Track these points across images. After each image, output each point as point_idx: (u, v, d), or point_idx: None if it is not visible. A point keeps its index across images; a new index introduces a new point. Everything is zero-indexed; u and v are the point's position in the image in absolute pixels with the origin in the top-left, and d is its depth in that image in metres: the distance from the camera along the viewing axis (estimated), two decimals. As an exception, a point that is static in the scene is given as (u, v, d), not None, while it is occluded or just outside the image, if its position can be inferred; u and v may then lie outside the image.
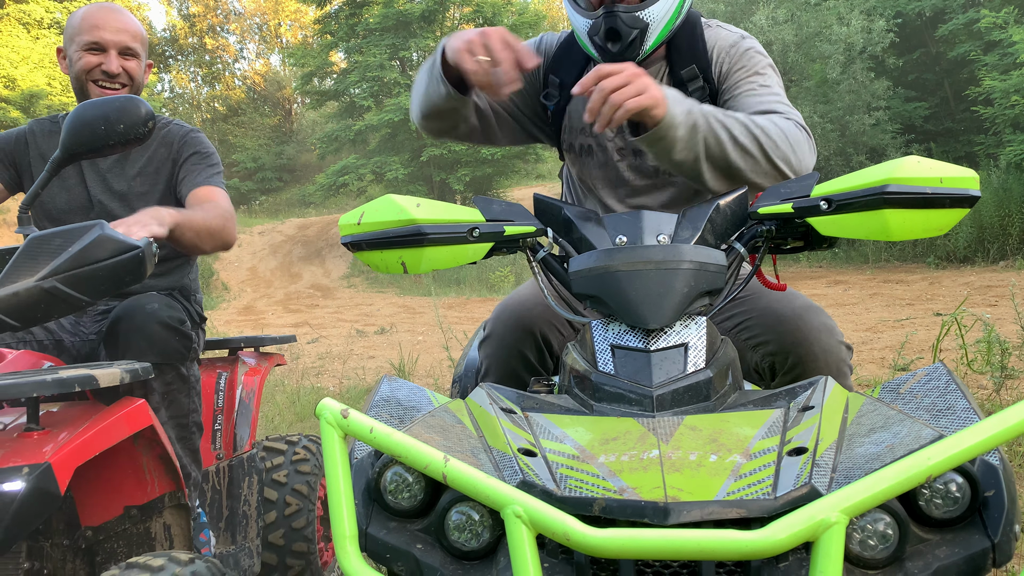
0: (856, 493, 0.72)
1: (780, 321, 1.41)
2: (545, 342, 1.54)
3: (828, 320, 1.43)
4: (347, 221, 1.16)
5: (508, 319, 1.54)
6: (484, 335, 1.57)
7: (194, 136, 2.03)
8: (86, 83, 1.92)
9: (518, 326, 1.53)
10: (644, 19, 1.44)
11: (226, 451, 2.05)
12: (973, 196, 1.08)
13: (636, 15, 1.43)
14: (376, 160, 20.23)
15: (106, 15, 1.92)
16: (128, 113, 1.26)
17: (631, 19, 1.43)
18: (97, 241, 1.10)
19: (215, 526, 1.90)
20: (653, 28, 1.45)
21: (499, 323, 1.55)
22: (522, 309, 1.54)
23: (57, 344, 1.84)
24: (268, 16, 42.40)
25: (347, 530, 0.82)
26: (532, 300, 1.55)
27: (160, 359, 1.64)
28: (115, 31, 1.90)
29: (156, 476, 1.48)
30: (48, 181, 1.30)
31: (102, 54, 1.90)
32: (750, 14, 14.92)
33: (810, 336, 1.39)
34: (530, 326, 1.53)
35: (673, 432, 0.90)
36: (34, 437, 1.17)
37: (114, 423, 1.27)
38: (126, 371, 1.24)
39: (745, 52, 1.52)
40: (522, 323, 1.53)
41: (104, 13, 1.93)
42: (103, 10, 1.94)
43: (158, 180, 2.00)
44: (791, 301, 1.44)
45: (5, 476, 1.06)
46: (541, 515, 0.75)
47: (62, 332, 1.87)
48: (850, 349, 1.46)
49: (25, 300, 1.07)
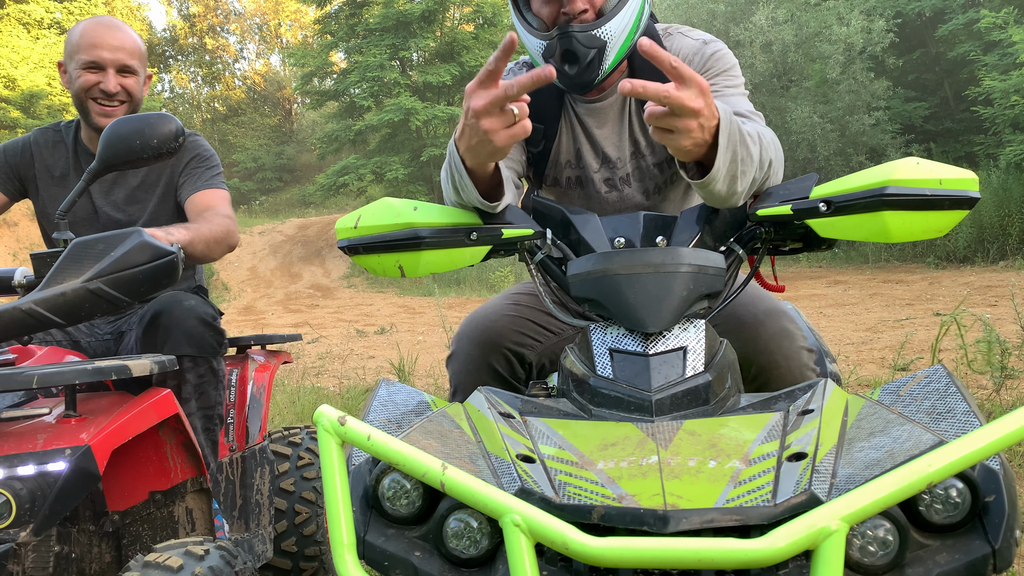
0: (856, 500, 0.72)
1: (741, 328, 1.37)
2: (515, 353, 1.51)
3: (790, 324, 1.39)
4: (344, 225, 1.15)
5: (474, 334, 1.51)
6: (450, 352, 1.54)
7: (192, 140, 2.05)
8: (86, 101, 1.94)
9: (484, 340, 1.50)
10: (601, 37, 1.34)
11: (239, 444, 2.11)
12: (973, 198, 1.07)
13: (592, 34, 1.33)
14: (376, 160, 20.23)
15: (104, 33, 1.93)
16: (161, 129, 1.36)
17: (587, 38, 1.33)
18: (137, 247, 1.19)
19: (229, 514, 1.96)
20: (612, 45, 1.35)
21: (464, 339, 1.52)
22: (487, 322, 1.51)
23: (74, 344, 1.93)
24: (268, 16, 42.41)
25: (345, 538, 0.81)
26: (498, 313, 1.53)
27: (196, 352, 1.73)
28: (113, 49, 1.91)
29: (179, 462, 1.54)
30: (84, 190, 1.40)
31: (100, 72, 1.92)
32: (750, 14, 14.92)
33: (770, 344, 1.35)
34: (497, 339, 1.50)
35: (672, 437, 0.90)
36: (72, 423, 1.25)
37: (143, 411, 1.36)
38: (155, 363, 1.32)
39: (711, 56, 1.46)
40: (488, 337, 1.50)
41: (102, 31, 1.93)
42: (100, 27, 1.94)
43: (157, 186, 2.03)
44: (755, 305, 1.40)
45: (49, 457, 1.15)
46: (540, 524, 0.74)
47: (78, 333, 1.96)
48: (812, 351, 1.41)
49: (72, 300, 1.16)
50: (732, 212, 1.23)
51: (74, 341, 1.93)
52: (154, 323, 1.72)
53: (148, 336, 1.72)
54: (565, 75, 1.39)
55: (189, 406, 1.75)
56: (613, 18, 1.33)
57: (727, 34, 14.53)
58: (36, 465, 1.15)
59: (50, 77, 22.12)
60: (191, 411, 1.75)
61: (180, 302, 1.74)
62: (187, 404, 1.74)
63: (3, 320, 1.16)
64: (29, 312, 1.16)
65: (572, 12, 1.35)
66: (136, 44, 1.97)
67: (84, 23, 1.97)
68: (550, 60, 1.39)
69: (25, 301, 1.16)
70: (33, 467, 1.15)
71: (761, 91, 14.75)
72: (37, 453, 1.16)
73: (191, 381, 1.74)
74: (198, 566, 1.17)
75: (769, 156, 1.21)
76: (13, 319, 1.16)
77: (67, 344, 1.91)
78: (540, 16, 1.40)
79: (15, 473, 1.14)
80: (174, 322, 1.71)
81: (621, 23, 1.34)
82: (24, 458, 1.15)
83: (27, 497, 1.13)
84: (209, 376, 1.78)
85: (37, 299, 1.16)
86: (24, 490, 1.13)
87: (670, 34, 1.51)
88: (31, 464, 1.15)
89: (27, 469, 1.14)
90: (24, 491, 1.13)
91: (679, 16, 15.57)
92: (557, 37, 1.34)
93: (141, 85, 2.00)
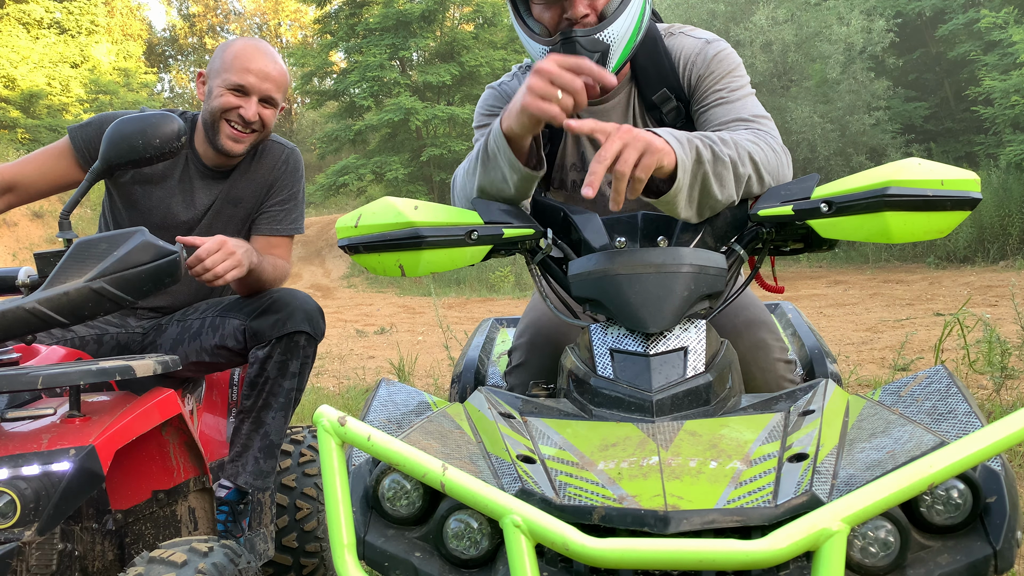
0: (857, 501, 0.72)
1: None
2: None
3: (767, 335, 1.39)
4: (344, 224, 1.15)
5: (542, 344, 1.47)
6: (517, 361, 1.49)
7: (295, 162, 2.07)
8: (220, 120, 1.91)
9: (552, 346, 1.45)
10: (605, 40, 1.31)
11: None
12: (974, 198, 1.07)
13: (595, 37, 1.31)
14: (376, 160, 20.21)
15: (257, 60, 1.91)
16: (163, 129, 1.35)
17: (590, 43, 1.31)
18: (140, 246, 1.20)
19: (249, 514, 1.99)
20: (615, 49, 1.33)
21: (534, 348, 1.47)
22: (551, 326, 1.48)
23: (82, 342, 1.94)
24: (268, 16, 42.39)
25: (345, 538, 0.81)
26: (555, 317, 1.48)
27: (313, 332, 1.87)
28: (262, 78, 1.90)
29: (182, 462, 1.55)
30: (87, 190, 1.39)
31: (244, 98, 1.90)
32: (750, 14, 14.92)
33: (746, 357, 1.35)
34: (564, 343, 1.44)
35: (673, 438, 0.90)
36: (76, 423, 1.26)
37: (147, 411, 1.37)
38: (158, 362, 1.33)
39: (713, 57, 1.44)
40: (554, 343, 1.45)
41: (256, 56, 1.91)
42: (256, 52, 1.92)
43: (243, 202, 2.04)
44: (735, 316, 1.39)
45: (53, 457, 1.17)
46: (540, 525, 0.74)
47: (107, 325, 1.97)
48: (789, 362, 1.41)
49: (75, 299, 1.18)
50: (733, 212, 1.23)
51: (82, 338, 1.94)
52: (275, 305, 1.84)
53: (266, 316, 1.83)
54: None
55: (292, 381, 1.88)
56: (615, 20, 1.31)
57: (727, 34, 14.52)
58: (41, 465, 1.16)
59: (49, 77, 22.12)
60: (293, 387, 1.89)
61: (296, 292, 1.88)
62: (291, 380, 1.87)
63: (7, 319, 1.17)
64: (32, 311, 1.17)
65: (574, 17, 1.33)
66: (284, 76, 1.96)
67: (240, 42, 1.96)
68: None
69: (29, 300, 1.18)
70: (38, 467, 1.16)
71: (761, 91, 14.72)
72: (42, 453, 1.17)
73: (300, 358, 1.87)
74: (202, 562, 1.18)
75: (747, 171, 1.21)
76: (17, 318, 1.17)
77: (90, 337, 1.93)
78: (542, 21, 1.38)
79: (20, 472, 1.15)
80: (297, 304, 1.84)
81: (624, 25, 1.32)
82: (29, 458, 1.16)
83: (32, 496, 1.15)
84: (312, 359, 1.92)
85: (41, 298, 1.17)
86: (29, 489, 1.15)
87: (672, 34, 1.50)
88: (36, 464, 1.16)
89: (32, 469, 1.16)
90: (29, 490, 1.15)
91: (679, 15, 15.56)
92: (560, 42, 1.32)
93: (276, 115, 1.99)
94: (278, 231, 2.04)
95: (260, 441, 1.88)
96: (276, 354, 1.84)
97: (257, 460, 1.88)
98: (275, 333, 1.82)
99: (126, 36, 33.09)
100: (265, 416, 1.88)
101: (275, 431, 1.90)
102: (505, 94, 1.56)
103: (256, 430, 1.88)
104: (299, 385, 1.91)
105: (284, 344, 1.84)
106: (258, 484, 1.88)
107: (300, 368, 1.89)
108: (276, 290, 1.90)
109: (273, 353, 1.84)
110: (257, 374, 1.85)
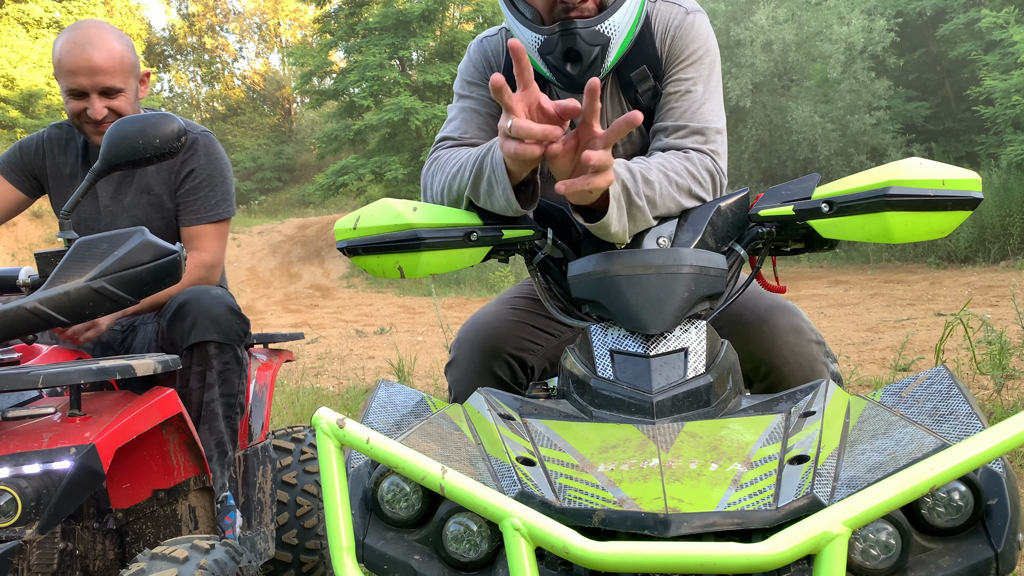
0: (859, 504, 0.71)
1: (747, 328, 1.33)
2: (517, 359, 1.48)
3: (796, 319, 1.35)
4: (343, 226, 1.15)
5: (475, 340, 1.47)
6: (450, 359, 1.50)
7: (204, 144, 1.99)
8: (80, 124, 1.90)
9: (486, 347, 1.46)
10: (605, 32, 1.22)
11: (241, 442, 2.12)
12: (975, 198, 1.07)
13: (596, 29, 1.21)
14: (375, 160, 20.20)
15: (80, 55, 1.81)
16: (163, 129, 1.36)
17: (591, 35, 1.22)
18: (140, 246, 1.21)
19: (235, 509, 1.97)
20: (615, 42, 1.25)
21: (465, 345, 1.47)
22: (489, 329, 1.47)
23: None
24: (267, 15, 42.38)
25: (344, 541, 0.81)
26: (499, 318, 1.49)
27: (223, 338, 1.76)
28: (91, 73, 1.81)
29: (182, 461, 1.56)
30: (88, 190, 1.40)
31: (84, 99, 1.85)
32: (750, 13, 14.91)
33: (777, 341, 1.32)
34: (498, 345, 1.46)
35: (673, 439, 0.89)
36: (76, 422, 1.27)
37: (147, 410, 1.37)
38: (159, 362, 1.34)
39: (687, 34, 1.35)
40: (490, 344, 1.46)
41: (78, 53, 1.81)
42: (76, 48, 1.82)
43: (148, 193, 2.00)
44: (756, 303, 1.36)
45: (54, 456, 1.18)
46: (540, 528, 0.74)
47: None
48: (821, 344, 1.36)
49: (76, 299, 1.18)
50: (734, 212, 1.22)
51: None
52: (180, 311, 1.75)
53: (174, 325, 1.75)
54: (565, 75, 1.29)
55: (212, 392, 1.78)
56: (618, 10, 1.22)
57: (728, 33, 14.52)
58: (41, 463, 1.17)
59: (49, 77, 22.10)
60: (214, 398, 1.78)
61: (207, 291, 1.78)
62: (210, 391, 1.77)
63: (8, 319, 1.18)
64: (34, 311, 1.18)
65: (571, 2, 1.22)
66: (117, 58, 1.85)
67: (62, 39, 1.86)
68: (548, 56, 1.27)
69: (30, 300, 1.18)
70: (39, 465, 1.17)
71: (762, 91, 14.75)
72: (42, 452, 1.18)
73: (216, 368, 1.78)
74: (204, 558, 1.19)
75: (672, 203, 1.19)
76: (18, 318, 1.18)
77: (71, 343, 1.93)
78: (534, 5, 1.26)
79: (21, 471, 1.16)
80: (202, 309, 1.74)
81: (626, 15, 1.23)
82: (30, 456, 1.17)
83: (32, 495, 1.16)
84: (233, 364, 1.81)
85: (42, 298, 1.18)
86: (30, 488, 1.16)
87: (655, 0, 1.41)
88: (36, 462, 1.17)
89: (33, 467, 1.17)
90: (30, 489, 1.16)
91: (679, 16, 15.53)
92: (559, 33, 1.23)
93: (133, 97, 1.91)
94: (200, 219, 1.97)
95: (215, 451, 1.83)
96: (193, 364, 1.76)
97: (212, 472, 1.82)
98: (184, 343, 1.75)
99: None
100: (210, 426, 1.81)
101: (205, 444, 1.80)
102: (487, 58, 1.47)
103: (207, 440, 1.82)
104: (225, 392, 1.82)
105: (196, 354, 1.75)
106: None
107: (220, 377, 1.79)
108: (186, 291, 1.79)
109: (190, 363, 1.76)
110: (182, 384, 1.78)
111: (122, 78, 1.87)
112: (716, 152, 1.32)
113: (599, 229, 1.10)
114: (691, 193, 1.24)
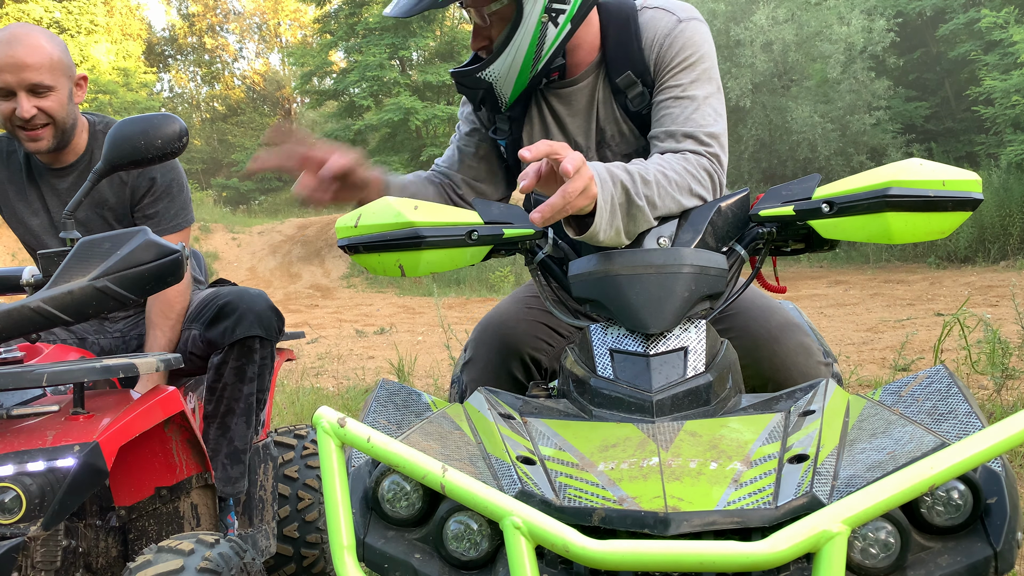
0: (858, 503, 0.72)
1: (756, 346, 1.34)
2: (533, 359, 1.49)
3: (805, 339, 1.36)
4: (344, 224, 1.15)
5: (492, 340, 1.48)
6: (467, 358, 1.51)
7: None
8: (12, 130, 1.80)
9: (503, 347, 1.47)
10: (486, 79, 1.37)
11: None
12: (976, 199, 1.07)
13: (477, 76, 1.37)
14: (376, 160, 20.05)
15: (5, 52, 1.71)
16: (165, 129, 1.38)
17: (472, 82, 1.39)
18: (143, 245, 1.22)
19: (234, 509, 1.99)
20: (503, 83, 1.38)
21: (482, 345, 1.49)
22: (505, 328, 1.48)
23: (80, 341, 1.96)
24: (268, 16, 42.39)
25: (344, 539, 0.81)
26: (515, 317, 1.50)
27: (266, 334, 1.84)
28: (16, 69, 1.71)
29: (185, 459, 1.57)
30: (90, 190, 1.41)
31: (12, 98, 1.74)
32: (750, 13, 14.90)
33: (787, 361, 1.33)
34: (516, 345, 1.47)
35: (673, 438, 0.89)
36: (80, 420, 1.28)
37: (150, 408, 1.39)
38: (161, 360, 1.35)
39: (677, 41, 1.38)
40: (507, 343, 1.47)
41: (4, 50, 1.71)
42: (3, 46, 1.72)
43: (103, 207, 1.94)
44: (767, 319, 1.37)
45: (58, 453, 1.19)
46: (540, 527, 0.74)
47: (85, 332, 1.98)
48: (828, 365, 1.38)
49: (79, 298, 1.20)
50: (735, 212, 1.22)
51: (80, 339, 1.96)
52: (224, 310, 1.82)
53: (216, 324, 1.82)
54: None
55: (251, 386, 1.86)
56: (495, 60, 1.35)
57: (727, 33, 14.52)
58: (45, 461, 1.18)
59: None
60: (251, 391, 1.87)
61: (246, 291, 1.86)
62: (250, 384, 1.85)
63: (12, 318, 1.19)
64: (37, 310, 1.19)
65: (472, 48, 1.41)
66: (45, 54, 1.74)
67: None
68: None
69: (33, 299, 1.20)
70: (43, 463, 1.18)
71: (762, 91, 14.74)
72: (46, 449, 1.19)
73: (256, 361, 1.85)
74: (208, 551, 1.21)
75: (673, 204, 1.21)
76: (22, 317, 1.20)
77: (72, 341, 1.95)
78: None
79: (25, 469, 1.17)
80: (247, 306, 1.81)
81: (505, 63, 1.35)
82: (34, 454, 1.18)
83: (36, 492, 1.17)
84: (269, 359, 1.90)
85: (45, 297, 1.19)
86: (34, 485, 1.17)
87: (648, 7, 1.43)
88: (41, 460, 1.18)
89: (37, 465, 1.18)
90: (34, 486, 1.16)
91: (679, 16, 15.53)
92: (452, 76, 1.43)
93: (65, 98, 1.80)
94: (163, 231, 1.92)
95: (226, 447, 1.87)
96: (231, 360, 1.83)
97: (225, 467, 1.87)
98: (227, 340, 1.80)
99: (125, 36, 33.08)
100: (229, 422, 1.87)
101: (239, 437, 1.88)
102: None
103: (222, 435, 1.87)
104: (260, 387, 1.89)
105: (238, 350, 1.82)
106: (227, 491, 1.87)
107: (259, 371, 1.87)
108: (226, 292, 1.86)
109: (228, 359, 1.82)
110: (215, 379, 1.84)
111: (51, 76, 1.76)
112: (713, 154, 1.33)
113: (589, 239, 1.12)
114: (691, 191, 1.25)
